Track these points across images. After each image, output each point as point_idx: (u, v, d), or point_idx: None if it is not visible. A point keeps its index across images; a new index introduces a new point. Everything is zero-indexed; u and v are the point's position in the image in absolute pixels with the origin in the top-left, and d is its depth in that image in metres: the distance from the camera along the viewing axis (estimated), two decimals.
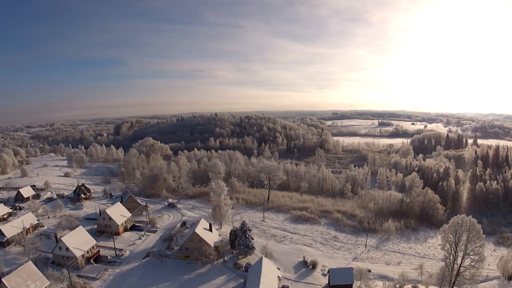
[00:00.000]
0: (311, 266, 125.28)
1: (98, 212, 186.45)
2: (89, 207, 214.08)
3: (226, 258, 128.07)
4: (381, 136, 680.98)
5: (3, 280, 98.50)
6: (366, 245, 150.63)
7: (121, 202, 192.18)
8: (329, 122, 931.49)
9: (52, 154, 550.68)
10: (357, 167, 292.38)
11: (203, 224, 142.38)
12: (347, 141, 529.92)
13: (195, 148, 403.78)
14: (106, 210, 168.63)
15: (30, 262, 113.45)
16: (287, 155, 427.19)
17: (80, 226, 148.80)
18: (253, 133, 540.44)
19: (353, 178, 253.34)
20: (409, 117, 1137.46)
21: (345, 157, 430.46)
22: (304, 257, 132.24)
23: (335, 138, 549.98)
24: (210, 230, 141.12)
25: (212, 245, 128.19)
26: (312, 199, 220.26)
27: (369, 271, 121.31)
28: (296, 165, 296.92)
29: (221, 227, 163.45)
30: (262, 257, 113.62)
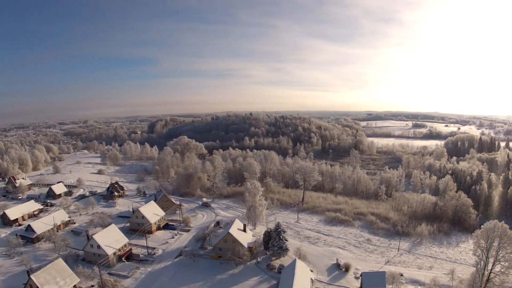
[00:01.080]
0: (344, 269, 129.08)
1: (131, 210, 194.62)
2: (122, 205, 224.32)
3: (259, 259, 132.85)
4: (415, 138, 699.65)
5: (31, 276, 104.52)
6: (399, 249, 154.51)
7: (155, 201, 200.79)
8: (363, 123, 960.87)
9: (85, 151, 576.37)
10: (391, 169, 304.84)
11: (237, 224, 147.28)
12: (381, 142, 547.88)
13: (230, 147, 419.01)
14: (139, 209, 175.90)
15: (60, 259, 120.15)
16: (322, 156, 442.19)
17: (113, 224, 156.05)
18: (288, 133, 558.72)
19: (387, 180, 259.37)
20: (442, 119, 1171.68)
21: (379, 158, 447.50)
22: (337, 259, 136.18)
23: (370, 139, 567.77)
24: (244, 230, 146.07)
25: (246, 246, 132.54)
26: (346, 201, 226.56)
27: (401, 275, 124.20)
28: (331, 166, 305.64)
29: (255, 228, 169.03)
30: (295, 259, 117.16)
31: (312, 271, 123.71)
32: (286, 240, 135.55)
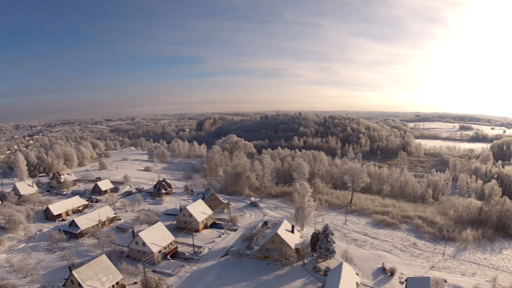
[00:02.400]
0: (389, 273, 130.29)
1: (178, 208, 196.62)
2: (169, 203, 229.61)
3: (306, 261, 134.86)
4: (462, 140, 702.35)
5: (73, 272, 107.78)
6: (444, 254, 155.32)
7: (202, 199, 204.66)
8: (411, 124, 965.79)
9: (132, 148, 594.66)
10: (438, 171, 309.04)
11: (285, 225, 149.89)
12: (428, 144, 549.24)
13: (279, 147, 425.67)
14: (187, 207, 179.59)
15: (104, 256, 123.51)
16: (370, 157, 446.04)
17: (159, 222, 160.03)
18: (337, 133, 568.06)
19: (434, 183, 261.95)
20: (488, 121, 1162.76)
21: (426, 160, 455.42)
22: (383, 263, 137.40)
23: (417, 141, 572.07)
24: (292, 231, 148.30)
25: (293, 247, 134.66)
26: (394, 204, 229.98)
27: (445, 281, 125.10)
28: (379, 167, 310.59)
29: (302, 229, 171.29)
30: (342, 262, 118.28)
31: (358, 274, 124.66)
32: (334, 242, 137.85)
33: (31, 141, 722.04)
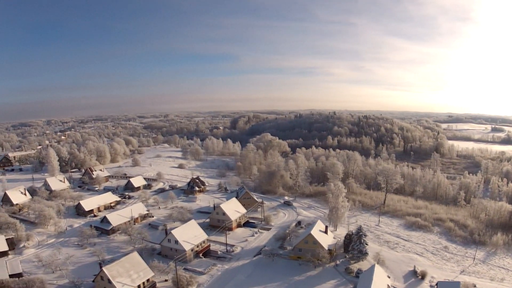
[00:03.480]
0: (420, 277, 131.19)
1: (212, 206, 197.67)
2: (202, 200, 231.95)
3: (338, 262, 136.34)
4: (493, 142, 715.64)
5: (104, 269, 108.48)
6: (474, 258, 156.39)
7: (236, 197, 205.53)
8: (444, 125, 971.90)
9: (166, 145, 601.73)
10: (470, 174, 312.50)
11: (319, 225, 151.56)
12: (461, 145, 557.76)
13: (313, 146, 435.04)
14: (221, 205, 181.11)
15: (135, 253, 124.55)
16: (403, 157, 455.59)
17: (192, 220, 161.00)
18: (371, 133, 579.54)
19: (466, 185, 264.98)
20: None
21: (459, 162, 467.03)
22: (415, 266, 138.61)
23: (450, 142, 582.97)
24: (326, 232, 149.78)
25: (326, 248, 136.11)
26: (426, 205, 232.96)
27: (474, 286, 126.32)
28: (412, 168, 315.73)
29: (336, 229, 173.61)
30: (374, 264, 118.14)
31: (389, 277, 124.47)
32: (367, 244, 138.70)
33: (62, 137, 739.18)
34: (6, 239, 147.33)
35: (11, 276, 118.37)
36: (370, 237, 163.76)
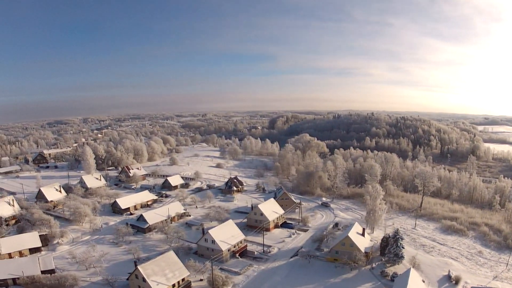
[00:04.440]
0: (454, 282, 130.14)
1: (250, 206, 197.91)
2: (240, 200, 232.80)
3: (374, 265, 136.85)
4: None
5: (138, 267, 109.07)
6: (507, 264, 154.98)
7: (274, 198, 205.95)
8: (480, 127, 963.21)
9: (204, 144, 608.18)
10: (506, 177, 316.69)
11: (356, 228, 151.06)
12: (497, 148, 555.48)
13: (351, 147, 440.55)
14: (259, 205, 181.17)
15: (172, 252, 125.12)
16: (440, 160, 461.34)
17: (230, 220, 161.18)
18: (408, 134, 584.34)
19: (501, 189, 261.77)
20: None
21: (494, 165, 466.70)
22: (449, 271, 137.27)
23: (486, 144, 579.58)
24: (363, 235, 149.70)
25: (363, 251, 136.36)
26: (462, 209, 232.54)
27: None
28: (449, 171, 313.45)
29: (373, 232, 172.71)
30: (410, 268, 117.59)
31: (424, 281, 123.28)
32: (403, 248, 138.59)
33: (99, 135, 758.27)
34: (40, 236, 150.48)
35: (43, 272, 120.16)
36: (406, 240, 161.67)
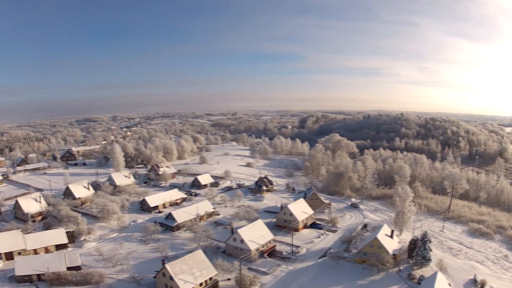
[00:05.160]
0: (479, 286, 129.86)
1: (279, 206, 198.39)
2: (269, 200, 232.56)
3: (401, 267, 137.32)
4: None
5: (166, 265, 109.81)
6: None
7: (304, 198, 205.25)
8: (508, 129, 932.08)
9: (234, 143, 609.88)
10: None
11: (385, 229, 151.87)
12: None
13: (381, 148, 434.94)
14: (288, 206, 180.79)
15: (200, 250, 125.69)
16: (468, 162, 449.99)
17: (259, 220, 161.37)
18: (437, 136, 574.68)
19: None
20: None
21: None
22: (475, 275, 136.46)
23: None
24: (391, 236, 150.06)
25: (391, 253, 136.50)
26: (489, 212, 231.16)
27: None
28: (477, 173, 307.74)
29: (401, 234, 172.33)
30: (437, 272, 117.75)
31: (450, 285, 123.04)
32: (431, 250, 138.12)
33: (128, 133, 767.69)
34: (66, 232, 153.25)
35: (69, 268, 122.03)
36: (433, 243, 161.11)
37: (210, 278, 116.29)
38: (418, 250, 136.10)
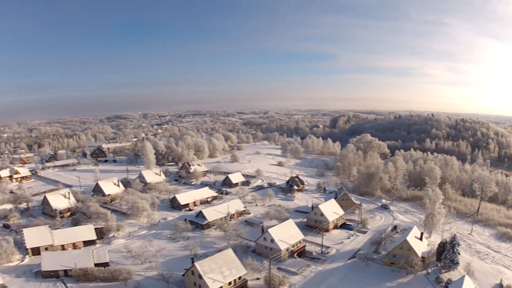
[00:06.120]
0: None
1: (310, 206, 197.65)
2: (300, 200, 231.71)
3: (429, 270, 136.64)
4: None
5: (196, 264, 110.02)
6: None
7: (335, 198, 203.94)
8: None
9: (265, 141, 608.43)
10: None
11: (415, 232, 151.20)
12: None
13: (412, 149, 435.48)
14: (320, 206, 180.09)
15: (230, 249, 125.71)
16: (497, 164, 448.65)
17: (290, 220, 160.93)
18: (467, 137, 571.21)
19: None
20: None
21: None
22: (501, 279, 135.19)
23: None
24: (421, 239, 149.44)
25: (420, 255, 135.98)
26: None
27: None
28: (506, 176, 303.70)
29: (430, 236, 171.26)
30: (464, 275, 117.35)
31: None
32: (459, 254, 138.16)
33: (159, 130, 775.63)
34: (95, 229, 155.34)
35: (96, 265, 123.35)
36: (462, 246, 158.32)
37: (239, 277, 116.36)
38: (446, 253, 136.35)
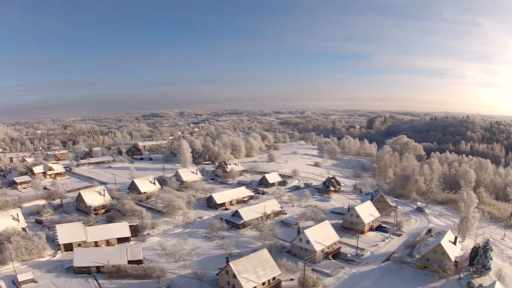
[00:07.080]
0: None
1: (346, 207, 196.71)
2: (336, 201, 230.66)
3: (462, 275, 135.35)
4: None
5: (230, 263, 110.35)
6: None
7: (371, 200, 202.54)
8: None
9: (302, 141, 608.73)
10: None
11: (449, 236, 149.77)
12: None
13: (447, 151, 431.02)
14: (356, 207, 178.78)
15: (265, 250, 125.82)
16: None
17: (326, 221, 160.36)
18: (501, 140, 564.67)
19: None
20: None
21: None
22: None
23: None
24: (454, 243, 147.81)
25: (453, 260, 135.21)
26: None
27: None
28: None
29: (463, 240, 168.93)
30: (495, 281, 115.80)
31: None
32: (491, 259, 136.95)
33: (196, 129, 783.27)
34: (130, 226, 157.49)
35: (130, 262, 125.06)
36: (494, 251, 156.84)
37: (274, 278, 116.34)
38: (479, 258, 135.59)
